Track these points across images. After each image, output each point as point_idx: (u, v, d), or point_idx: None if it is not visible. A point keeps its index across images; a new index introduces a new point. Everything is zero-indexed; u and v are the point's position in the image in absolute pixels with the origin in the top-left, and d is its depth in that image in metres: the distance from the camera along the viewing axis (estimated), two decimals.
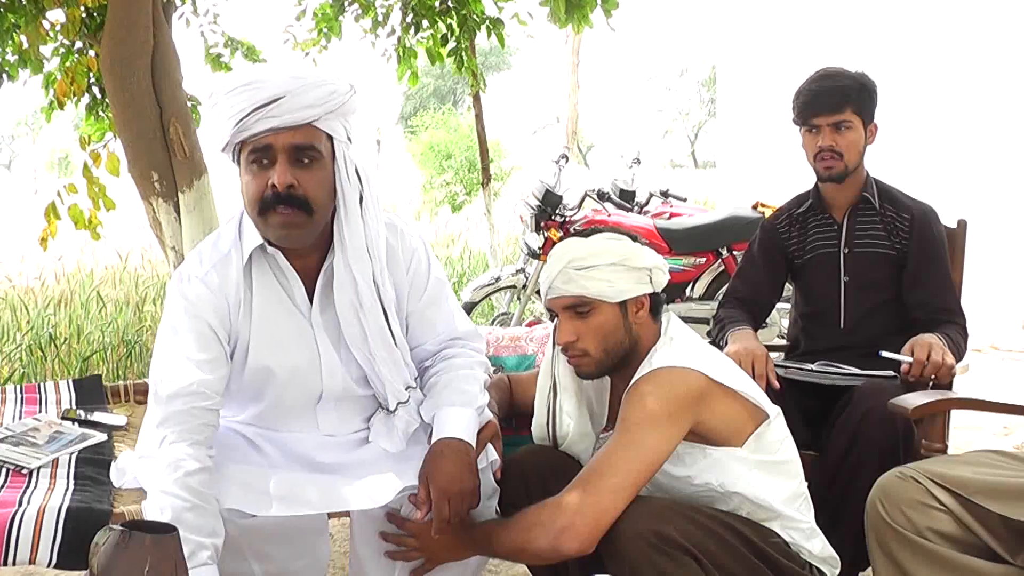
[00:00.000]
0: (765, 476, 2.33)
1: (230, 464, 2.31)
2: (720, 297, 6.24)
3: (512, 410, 2.84)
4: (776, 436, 2.39)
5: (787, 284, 3.57)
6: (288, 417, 2.53)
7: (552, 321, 2.57)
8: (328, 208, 2.38)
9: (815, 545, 2.36)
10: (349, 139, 2.39)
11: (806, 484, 2.46)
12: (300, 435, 2.52)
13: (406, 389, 2.52)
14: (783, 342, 3.71)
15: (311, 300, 2.47)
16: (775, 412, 2.41)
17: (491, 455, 2.51)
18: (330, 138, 2.34)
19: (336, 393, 2.51)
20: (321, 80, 2.30)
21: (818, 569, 2.36)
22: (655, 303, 2.48)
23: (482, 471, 2.44)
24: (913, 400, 2.64)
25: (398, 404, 2.50)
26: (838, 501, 2.80)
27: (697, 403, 2.27)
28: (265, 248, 2.40)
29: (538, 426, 2.64)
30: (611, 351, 2.42)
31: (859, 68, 3.25)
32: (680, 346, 2.40)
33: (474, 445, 2.41)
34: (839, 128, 3.15)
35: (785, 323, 6.08)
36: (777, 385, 2.96)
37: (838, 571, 2.41)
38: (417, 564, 2.45)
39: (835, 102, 3.14)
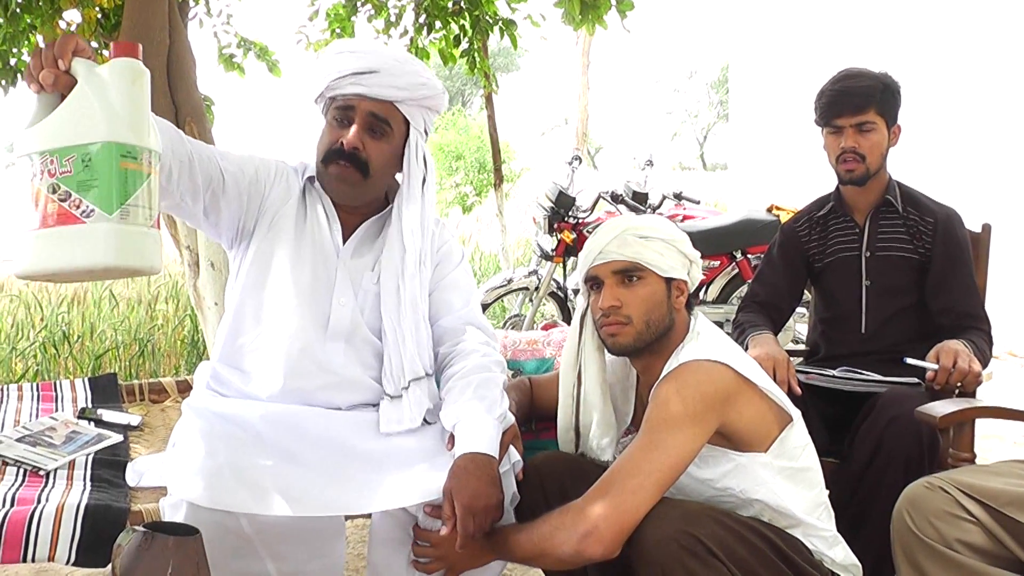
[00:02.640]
0: (787, 484, 2.30)
1: (243, 461, 2.28)
2: (734, 300, 6.28)
3: (532, 413, 2.82)
4: (798, 442, 2.36)
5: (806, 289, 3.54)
6: (299, 344, 2.54)
7: (584, 300, 2.57)
8: (384, 179, 2.63)
9: (837, 553, 2.34)
10: (425, 132, 2.65)
11: (827, 492, 2.44)
12: (317, 421, 2.50)
13: (424, 376, 2.58)
14: (797, 347, 3.68)
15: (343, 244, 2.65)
16: (797, 415, 2.40)
17: (513, 457, 2.50)
18: (407, 123, 2.58)
19: (344, 327, 2.58)
20: (417, 71, 2.57)
21: None
22: (688, 300, 2.50)
23: (504, 474, 2.43)
24: (941, 408, 2.61)
25: (410, 382, 2.54)
26: (860, 509, 2.78)
27: (724, 403, 2.25)
28: (315, 182, 2.66)
29: (563, 416, 2.63)
30: (652, 324, 2.41)
31: (879, 69, 3.23)
32: (708, 341, 2.39)
33: (497, 456, 2.40)
34: (862, 129, 3.13)
35: (800, 327, 6.08)
36: (798, 391, 2.93)
37: None
38: (439, 574, 2.43)
39: (858, 103, 3.12)
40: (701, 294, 6.37)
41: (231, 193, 2.51)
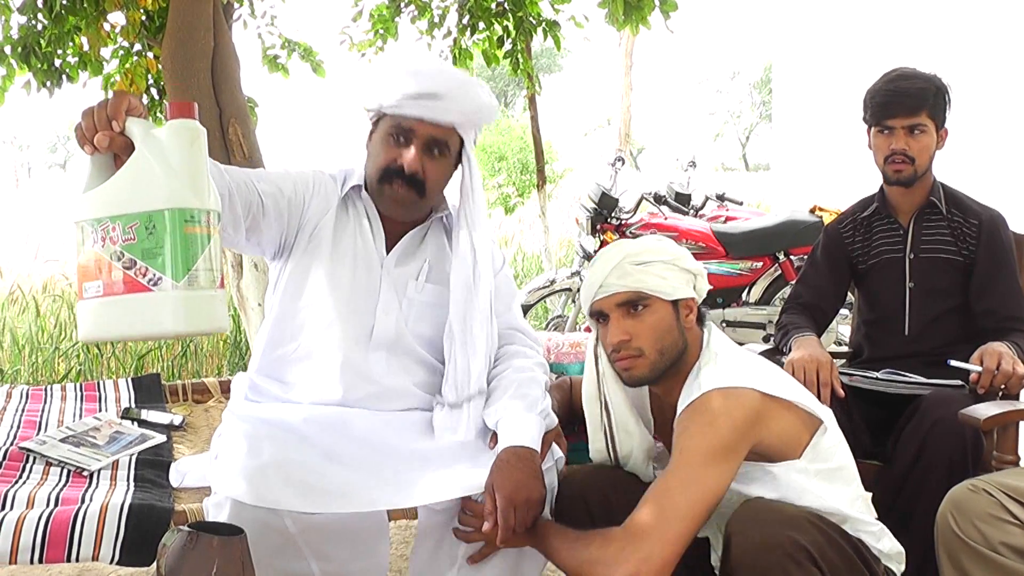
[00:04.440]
0: (825, 484, 2.27)
1: (286, 460, 2.29)
2: (776, 302, 6.25)
3: (574, 414, 2.81)
4: (831, 442, 2.32)
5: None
6: (341, 355, 2.55)
7: (594, 331, 2.52)
8: (437, 195, 2.63)
9: (885, 544, 2.30)
10: (473, 142, 2.63)
11: (869, 494, 2.41)
12: (360, 421, 2.51)
13: (480, 393, 2.56)
14: (839, 349, 3.66)
15: (387, 253, 2.64)
16: (827, 416, 2.35)
17: (556, 453, 2.51)
18: (460, 140, 2.57)
19: (388, 336, 2.59)
20: (478, 95, 2.55)
21: (891, 570, 2.30)
22: (699, 312, 2.45)
23: (547, 470, 2.43)
24: (985, 411, 2.59)
25: (475, 395, 2.53)
26: (904, 512, 2.75)
27: (754, 426, 2.20)
28: (360, 191, 2.66)
29: (596, 451, 2.58)
30: (666, 352, 2.35)
31: (926, 70, 3.19)
32: (727, 361, 2.34)
33: (539, 451, 2.40)
34: (913, 132, 3.10)
35: (842, 329, 6.05)
36: (842, 393, 2.92)
37: (903, 568, 2.35)
38: (475, 549, 2.43)
39: (912, 104, 3.08)
40: (744, 295, 6.35)
41: (271, 215, 2.51)
